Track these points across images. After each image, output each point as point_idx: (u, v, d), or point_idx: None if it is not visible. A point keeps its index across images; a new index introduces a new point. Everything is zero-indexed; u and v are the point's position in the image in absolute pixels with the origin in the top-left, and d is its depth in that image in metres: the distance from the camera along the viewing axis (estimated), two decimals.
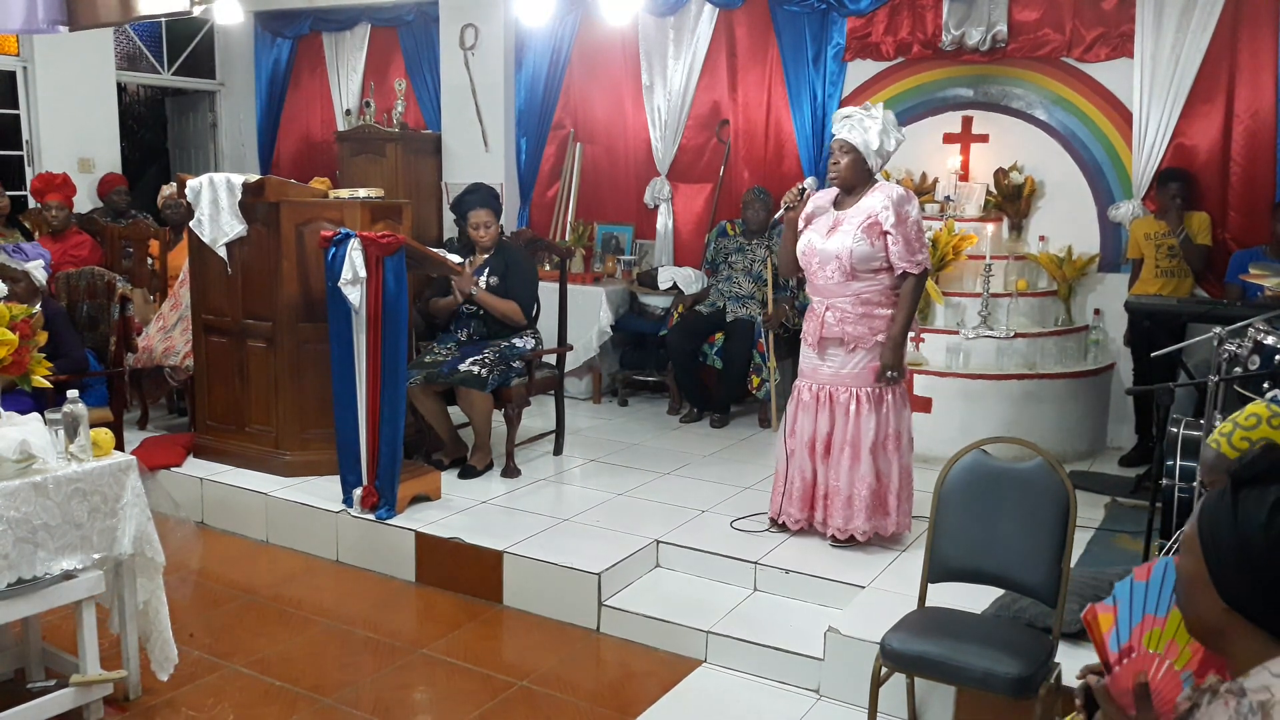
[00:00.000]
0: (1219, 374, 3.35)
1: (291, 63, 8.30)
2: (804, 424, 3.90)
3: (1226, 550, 1.24)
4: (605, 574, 3.73)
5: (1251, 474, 1.26)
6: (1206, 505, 1.29)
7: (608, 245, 6.95)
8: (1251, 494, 1.24)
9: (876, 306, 3.78)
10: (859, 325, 3.77)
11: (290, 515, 4.47)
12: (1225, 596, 1.25)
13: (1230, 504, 1.26)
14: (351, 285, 4.11)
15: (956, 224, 5.46)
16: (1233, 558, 1.23)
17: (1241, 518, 1.23)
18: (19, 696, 2.96)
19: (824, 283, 3.82)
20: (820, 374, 3.87)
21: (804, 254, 3.87)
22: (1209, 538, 1.27)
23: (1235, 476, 1.27)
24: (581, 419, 6.06)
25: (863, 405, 3.80)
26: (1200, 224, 5.05)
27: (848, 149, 3.77)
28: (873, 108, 3.81)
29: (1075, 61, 5.53)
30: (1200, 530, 1.28)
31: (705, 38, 6.45)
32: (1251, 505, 1.24)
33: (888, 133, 3.76)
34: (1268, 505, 1.22)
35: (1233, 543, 1.24)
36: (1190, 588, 1.30)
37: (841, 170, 3.80)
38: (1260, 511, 1.22)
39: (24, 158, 7.31)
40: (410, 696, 3.27)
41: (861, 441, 3.80)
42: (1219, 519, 1.27)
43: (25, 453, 2.75)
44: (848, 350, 3.80)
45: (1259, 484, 1.25)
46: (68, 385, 3.60)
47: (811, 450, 3.90)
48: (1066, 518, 2.62)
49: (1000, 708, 2.76)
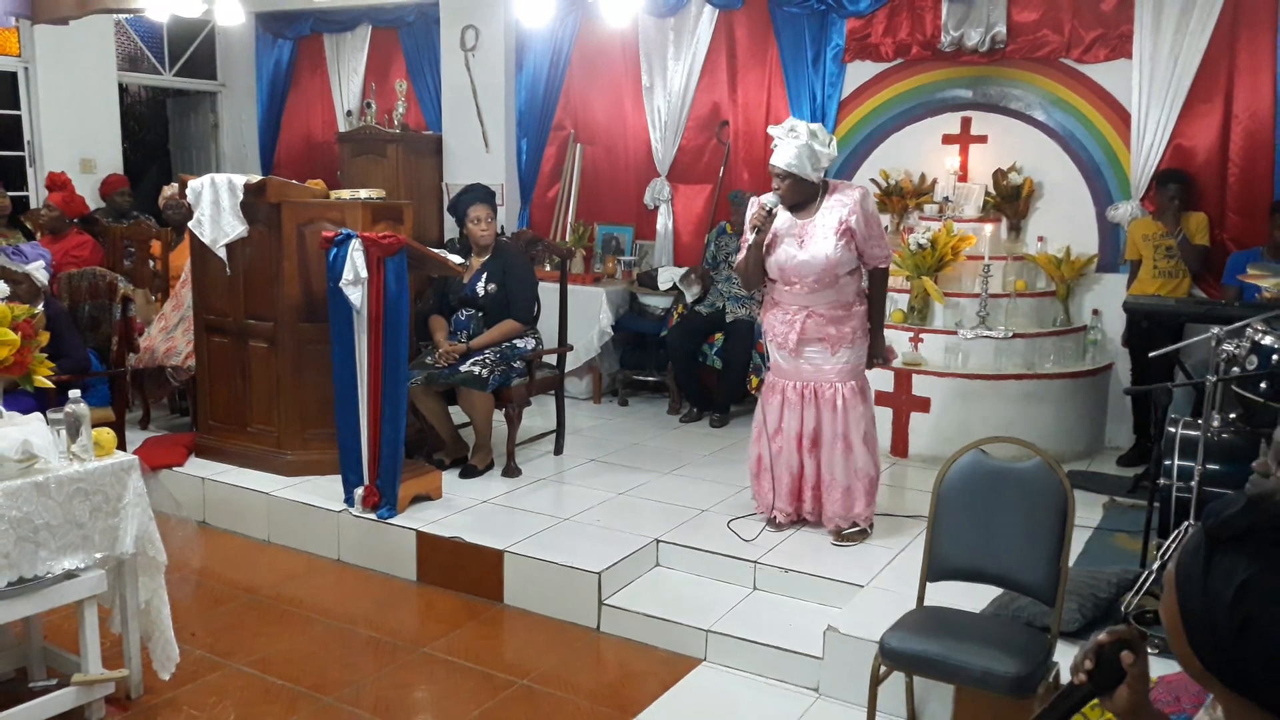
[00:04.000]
0: (1217, 374, 3.36)
1: (292, 64, 8.32)
2: (790, 421, 3.99)
3: (1197, 617, 1.10)
4: (605, 573, 3.74)
5: (1226, 534, 1.08)
6: (1183, 554, 1.14)
7: (608, 246, 6.96)
8: (1223, 562, 1.07)
9: (851, 306, 3.93)
10: (840, 326, 3.91)
11: (292, 515, 4.48)
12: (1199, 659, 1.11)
13: (1202, 568, 1.09)
14: (353, 286, 4.12)
15: (955, 224, 5.46)
16: (1203, 629, 1.09)
17: (1210, 589, 1.08)
18: (20, 696, 2.97)
19: (802, 291, 3.90)
20: (802, 372, 3.97)
21: (782, 268, 3.93)
22: (1183, 595, 1.12)
23: (1209, 533, 1.10)
24: (582, 419, 6.07)
25: (849, 399, 3.92)
26: (1198, 225, 5.06)
27: (780, 174, 3.84)
28: (795, 125, 3.84)
29: (1074, 62, 5.54)
30: (1176, 578, 1.13)
31: (705, 39, 6.46)
32: (1220, 578, 1.07)
33: (808, 146, 3.77)
34: (1235, 586, 1.05)
35: (1202, 612, 1.09)
36: (1171, 633, 1.15)
37: (785, 195, 3.87)
38: (1227, 590, 1.06)
39: (25, 158, 7.32)
40: (411, 695, 3.28)
41: (853, 433, 3.92)
42: (1191, 579, 1.11)
43: (27, 452, 2.76)
44: (828, 347, 3.91)
45: (1233, 548, 1.08)
46: (70, 385, 3.61)
47: (799, 445, 3.99)
48: (1065, 517, 2.63)
49: (999, 707, 2.77)
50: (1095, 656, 1.30)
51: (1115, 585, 3.29)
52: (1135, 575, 3.30)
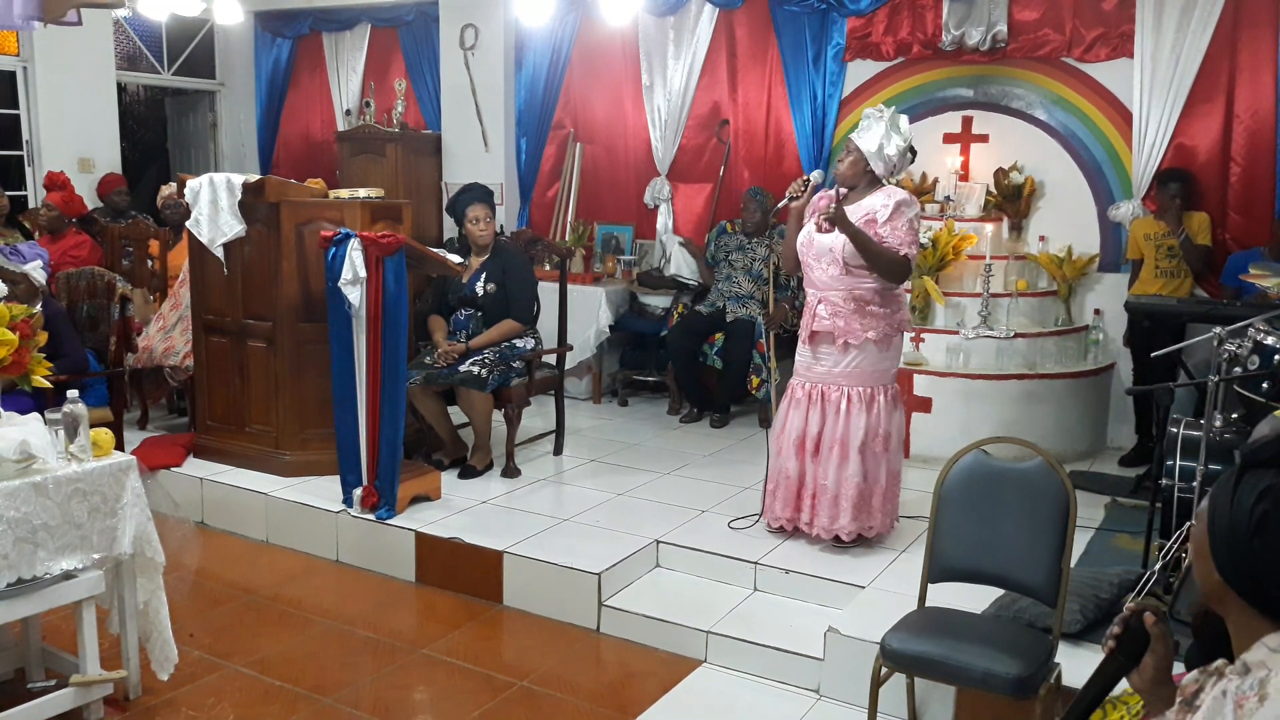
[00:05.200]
0: (1219, 374, 3.35)
1: (291, 63, 8.30)
2: (794, 421, 3.93)
3: (1222, 527, 1.30)
4: (605, 574, 3.73)
5: (1258, 458, 1.30)
6: (1216, 486, 1.34)
7: (608, 245, 6.95)
8: (1251, 478, 1.29)
9: (869, 304, 3.80)
10: (851, 319, 3.79)
11: (290, 515, 4.47)
12: (1219, 570, 1.30)
13: (1233, 484, 1.30)
14: (351, 285, 4.11)
15: (956, 224, 5.46)
16: (1225, 535, 1.29)
17: (1237, 498, 1.28)
18: (19, 696, 2.96)
19: (819, 275, 3.85)
20: (814, 372, 3.91)
21: (803, 246, 3.90)
22: (1211, 512, 1.32)
23: (1243, 458, 1.31)
24: (581, 419, 6.05)
25: (853, 405, 3.83)
26: (1200, 224, 5.05)
27: (852, 149, 3.83)
28: (886, 110, 3.83)
29: (1075, 61, 5.53)
30: (1208, 503, 1.33)
31: (705, 38, 6.45)
32: (1247, 490, 1.28)
33: (888, 136, 3.78)
34: (1258, 491, 1.26)
35: (1226, 521, 1.29)
36: (1197, 555, 1.35)
37: (842, 169, 3.86)
38: (1250, 497, 1.27)
39: (24, 158, 7.31)
40: (410, 696, 3.27)
41: (850, 440, 3.82)
42: (1220, 496, 1.31)
43: (25, 453, 2.75)
44: (840, 349, 3.83)
45: (1262, 468, 1.29)
46: (68, 385, 3.59)
47: (800, 449, 3.92)
48: (1066, 518, 2.62)
49: (1000, 708, 2.77)
50: (1122, 624, 1.47)
51: (1117, 586, 3.28)
52: (1137, 576, 3.29)
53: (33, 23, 4.92)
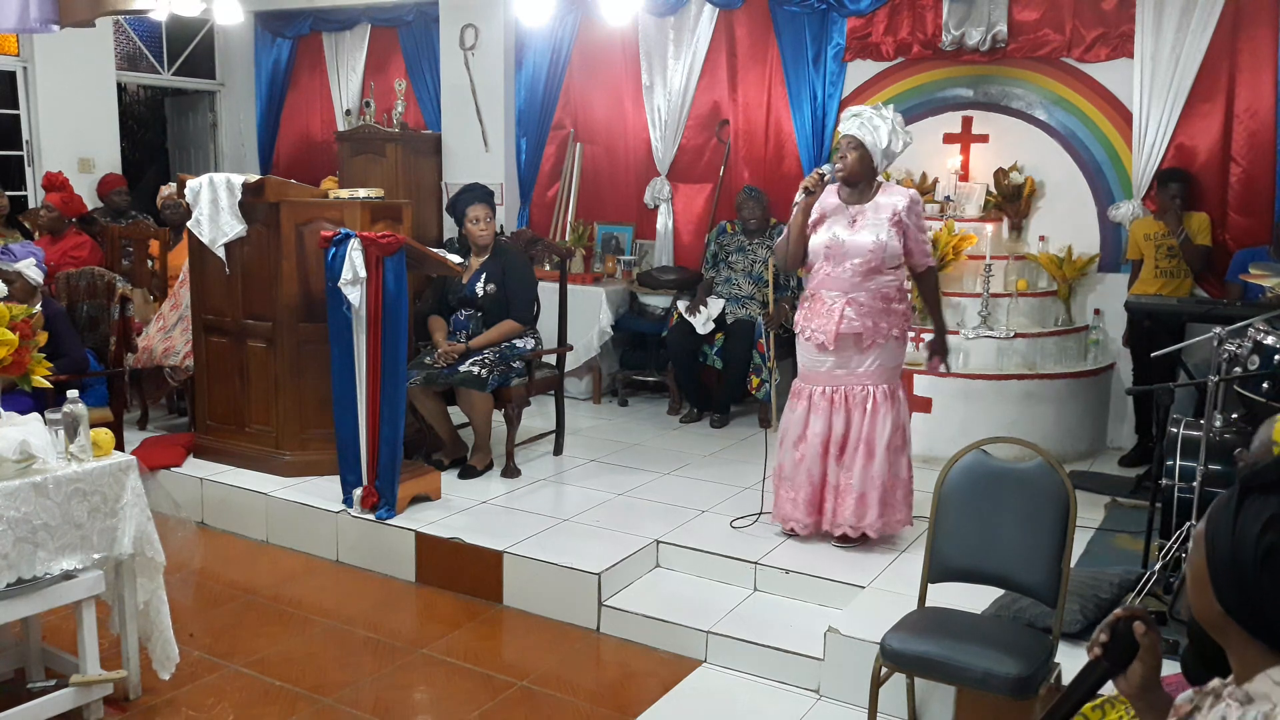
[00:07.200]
0: (1219, 374, 3.35)
1: (291, 63, 8.30)
2: (815, 427, 3.88)
3: (1223, 556, 1.22)
4: (605, 574, 3.73)
5: (1258, 482, 1.22)
6: (1215, 505, 1.27)
7: (608, 245, 6.95)
8: (1253, 505, 1.21)
9: (893, 302, 3.84)
10: (879, 319, 3.81)
11: (290, 515, 4.47)
12: (1220, 601, 1.23)
13: (1233, 510, 1.23)
14: (351, 285, 4.11)
15: (956, 224, 5.46)
16: (1227, 566, 1.22)
17: (1239, 527, 1.21)
18: (19, 696, 2.96)
19: (842, 276, 3.82)
20: (835, 375, 3.87)
21: (827, 247, 3.85)
22: (1211, 540, 1.25)
23: (1243, 482, 1.24)
24: (581, 419, 6.05)
25: (879, 404, 3.83)
26: (1200, 224, 5.05)
27: (855, 145, 3.82)
28: (884, 108, 3.85)
29: (1075, 61, 5.53)
30: (1206, 529, 1.26)
31: (705, 38, 6.45)
32: (1250, 518, 1.21)
33: (896, 133, 3.81)
34: (1262, 521, 1.19)
35: (1228, 551, 1.22)
36: (1195, 584, 1.28)
37: (849, 165, 3.84)
38: (1254, 526, 1.20)
39: (24, 158, 7.31)
40: (410, 696, 3.27)
41: (877, 440, 3.82)
42: (1220, 523, 1.24)
43: (25, 453, 2.75)
44: (861, 349, 3.82)
45: (1263, 494, 1.22)
46: (68, 385, 3.60)
47: (824, 452, 3.89)
48: (1066, 518, 2.62)
49: (1000, 708, 2.76)
50: (1110, 630, 1.39)
51: (1117, 586, 3.28)
52: (1137, 576, 3.29)
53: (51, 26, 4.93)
